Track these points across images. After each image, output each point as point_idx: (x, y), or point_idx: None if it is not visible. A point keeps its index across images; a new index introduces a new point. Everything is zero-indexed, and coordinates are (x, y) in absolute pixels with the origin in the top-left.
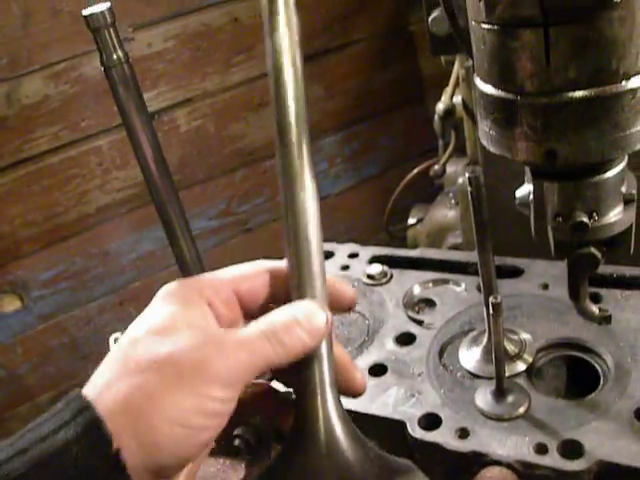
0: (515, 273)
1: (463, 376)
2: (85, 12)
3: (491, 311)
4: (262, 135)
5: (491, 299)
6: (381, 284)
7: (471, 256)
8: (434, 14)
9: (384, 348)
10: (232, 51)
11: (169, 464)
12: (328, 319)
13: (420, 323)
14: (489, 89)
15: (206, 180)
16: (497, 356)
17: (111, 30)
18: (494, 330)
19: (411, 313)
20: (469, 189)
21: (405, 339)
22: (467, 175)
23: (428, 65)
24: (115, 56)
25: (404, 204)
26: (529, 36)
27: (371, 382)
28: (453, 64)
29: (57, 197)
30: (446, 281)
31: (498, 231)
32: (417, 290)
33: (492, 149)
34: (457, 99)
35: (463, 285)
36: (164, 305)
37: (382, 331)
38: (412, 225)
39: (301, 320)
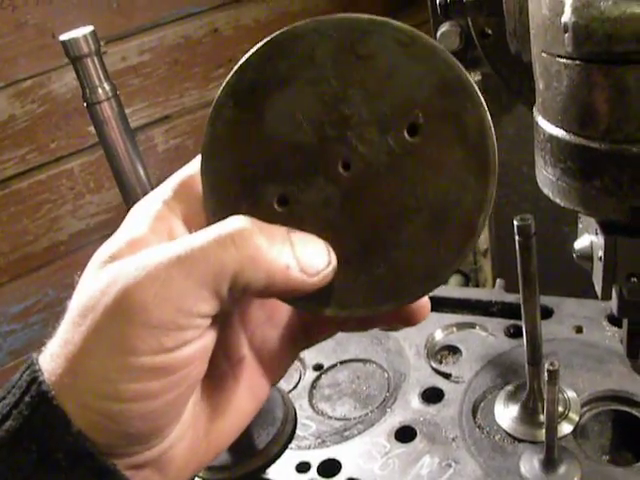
0: (545, 314)
1: (503, 439)
2: (63, 37)
3: (546, 378)
4: None
5: (548, 365)
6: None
7: (492, 294)
8: (442, 29)
9: (410, 407)
10: (212, 64)
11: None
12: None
13: (447, 376)
14: (561, 133)
15: None
16: (549, 425)
17: (95, 59)
18: (548, 398)
19: (434, 364)
20: (517, 238)
21: (432, 395)
22: (516, 223)
23: None
24: (101, 90)
25: None
26: (624, 74)
27: (399, 449)
28: None
29: (26, 224)
30: (472, 325)
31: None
32: (439, 336)
33: (559, 201)
34: None
35: (489, 328)
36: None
37: (405, 386)
38: None
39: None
